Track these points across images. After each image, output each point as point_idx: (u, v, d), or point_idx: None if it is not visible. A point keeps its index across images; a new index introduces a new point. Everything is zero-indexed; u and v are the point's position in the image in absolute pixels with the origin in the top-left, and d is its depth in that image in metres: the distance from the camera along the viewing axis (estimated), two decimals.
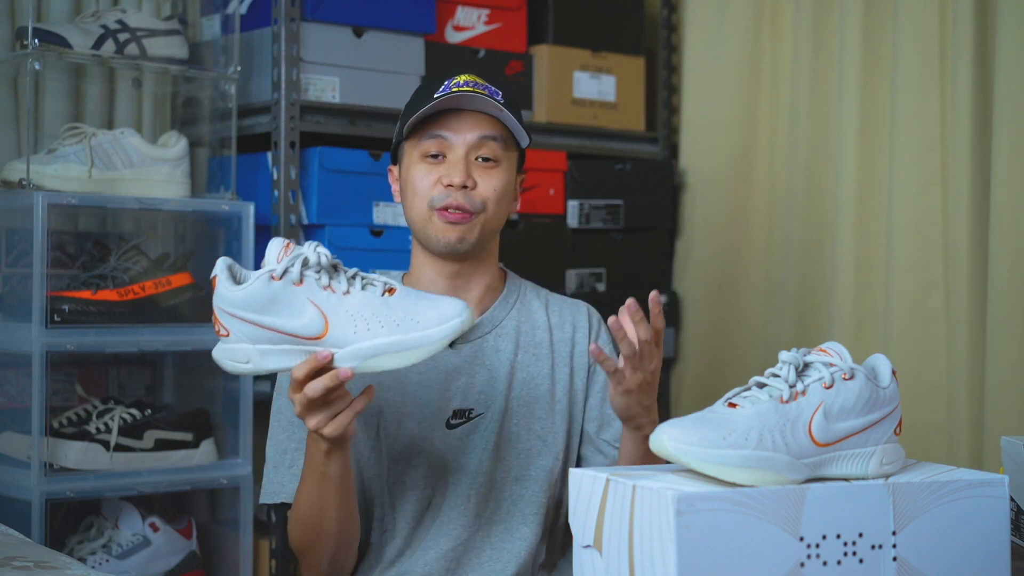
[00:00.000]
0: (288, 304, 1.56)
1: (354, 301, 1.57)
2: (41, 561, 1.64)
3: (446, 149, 1.86)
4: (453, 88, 1.85)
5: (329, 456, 1.67)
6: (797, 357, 1.38)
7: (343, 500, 1.73)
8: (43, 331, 2.36)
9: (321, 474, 1.69)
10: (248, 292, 1.56)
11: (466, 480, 1.87)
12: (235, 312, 1.56)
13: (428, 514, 1.87)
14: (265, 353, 1.58)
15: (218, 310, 1.58)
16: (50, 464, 2.40)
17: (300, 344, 1.57)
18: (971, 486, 1.37)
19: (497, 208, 1.88)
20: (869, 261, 2.92)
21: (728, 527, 1.26)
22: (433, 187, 1.85)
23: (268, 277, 1.56)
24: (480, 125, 1.87)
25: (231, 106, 2.67)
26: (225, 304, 1.57)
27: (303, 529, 1.77)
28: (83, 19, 2.57)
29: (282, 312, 1.56)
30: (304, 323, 1.56)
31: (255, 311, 1.56)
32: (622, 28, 3.28)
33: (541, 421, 1.91)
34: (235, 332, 1.57)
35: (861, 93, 2.93)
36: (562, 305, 2.00)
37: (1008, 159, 2.60)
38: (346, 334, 1.56)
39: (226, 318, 1.57)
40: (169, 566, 2.56)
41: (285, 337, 1.57)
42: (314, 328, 1.56)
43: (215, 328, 1.59)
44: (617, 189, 3.20)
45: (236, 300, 1.56)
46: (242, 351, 1.58)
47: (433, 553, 1.86)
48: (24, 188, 2.42)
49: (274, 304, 1.56)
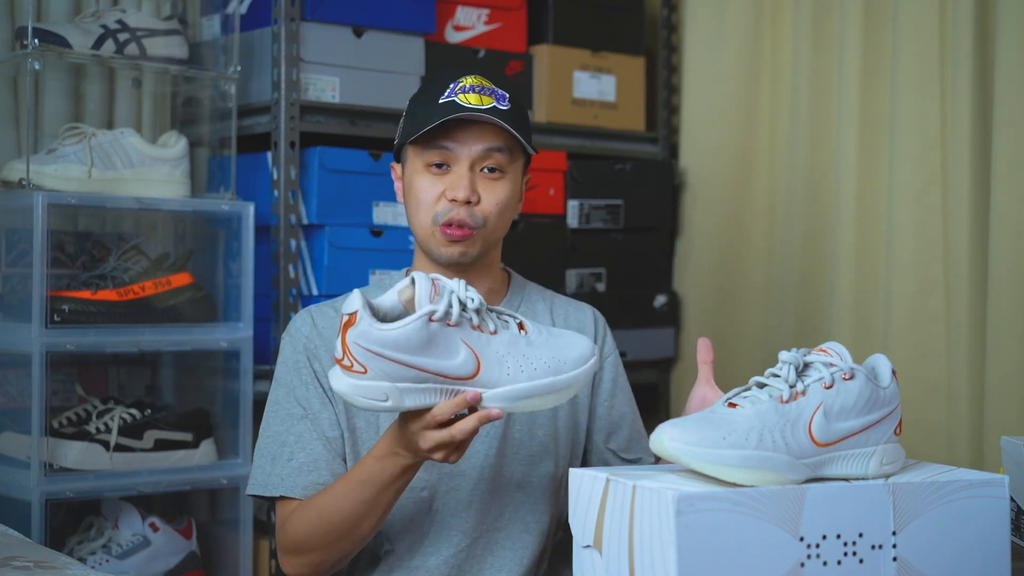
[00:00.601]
0: (443, 345, 1.52)
1: (502, 341, 1.55)
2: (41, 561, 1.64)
3: (451, 160, 1.83)
4: (459, 93, 1.81)
5: (407, 471, 1.66)
6: (797, 357, 1.38)
7: (390, 509, 1.72)
8: (43, 331, 2.36)
9: (388, 485, 1.67)
10: (403, 333, 1.50)
11: (468, 486, 1.86)
12: (381, 351, 1.51)
13: (429, 520, 1.86)
14: (406, 392, 1.53)
15: (356, 347, 1.51)
16: (50, 464, 2.40)
17: (446, 384, 1.54)
18: (971, 486, 1.37)
19: (499, 220, 1.86)
20: (869, 261, 2.92)
21: (728, 527, 1.26)
22: (437, 201, 1.82)
23: (426, 320, 1.51)
24: (485, 136, 1.83)
25: (231, 106, 2.67)
26: (369, 343, 1.51)
27: (325, 530, 1.74)
28: (83, 19, 2.57)
29: (436, 353, 1.52)
30: (458, 364, 1.53)
31: (407, 351, 1.51)
32: (622, 28, 3.28)
33: (544, 427, 1.90)
34: (374, 370, 1.51)
35: (861, 93, 2.93)
36: (567, 308, 1.99)
37: (1008, 159, 2.60)
38: (499, 375, 1.54)
39: (366, 356, 1.51)
40: (169, 566, 2.56)
41: (433, 377, 1.53)
42: (468, 369, 1.53)
43: (344, 363, 1.53)
44: (617, 189, 3.20)
45: (387, 340, 1.50)
46: (380, 389, 1.53)
47: (434, 559, 1.85)
48: (24, 188, 2.42)
49: (428, 345, 1.52)
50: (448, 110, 1.79)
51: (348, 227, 2.73)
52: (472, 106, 1.79)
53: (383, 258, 2.73)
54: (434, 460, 1.60)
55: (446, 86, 1.83)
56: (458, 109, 1.79)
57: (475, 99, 1.81)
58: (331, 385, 1.55)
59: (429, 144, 1.83)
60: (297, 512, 1.78)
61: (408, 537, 1.86)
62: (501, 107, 1.82)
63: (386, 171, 2.75)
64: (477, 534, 1.86)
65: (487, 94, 1.82)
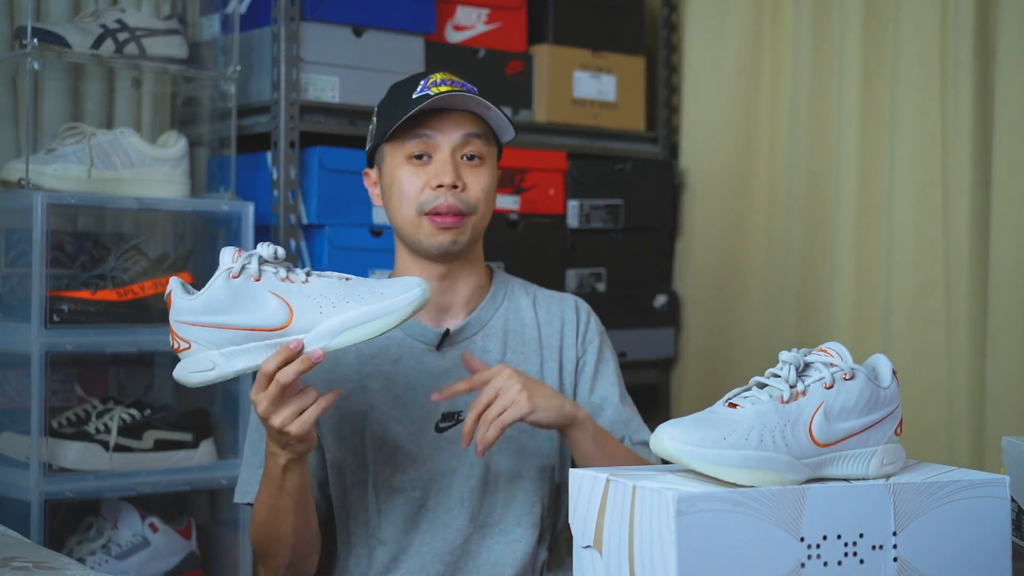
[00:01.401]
0: (249, 300, 1.56)
1: (314, 286, 1.58)
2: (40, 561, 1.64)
3: (431, 149, 1.85)
4: (431, 87, 1.83)
5: (287, 471, 1.68)
6: (797, 357, 1.38)
7: (299, 513, 1.74)
8: (42, 331, 2.36)
9: (279, 487, 1.70)
10: (207, 295, 1.56)
11: (458, 483, 1.86)
12: (195, 320, 1.56)
13: (421, 518, 1.86)
14: (230, 355, 1.57)
15: (175, 324, 1.58)
16: (49, 464, 2.40)
17: (266, 338, 1.57)
18: (972, 486, 1.37)
19: (486, 208, 1.88)
20: (869, 261, 2.92)
21: (728, 527, 1.26)
22: (421, 191, 1.83)
23: (227, 276, 1.56)
24: (464, 123, 1.85)
25: (231, 106, 2.67)
26: (183, 315, 1.57)
27: (261, 534, 1.79)
28: (82, 19, 2.57)
29: (244, 308, 1.56)
30: (268, 314, 1.56)
31: (216, 313, 1.56)
32: (622, 28, 3.28)
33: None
34: (196, 341, 1.57)
35: (861, 93, 2.93)
36: (550, 300, 1.99)
37: (1008, 159, 2.60)
38: (312, 318, 1.57)
39: (185, 329, 1.57)
40: (168, 566, 2.56)
41: (250, 334, 1.56)
42: (279, 318, 1.56)
43: (173, 346, 1.59)
44: (617, 189, 3.19)
45: (196, 307, 1.56)
46: (205, 358, 1.57)
47: (429, 557, 1.85)
48: (23, 188, 2.42)
49: (235, 302, 1.56)
50: (424, 101, 1.82)
51: (348, 227, 2.73)
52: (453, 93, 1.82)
53: (383, 258, 2.73)
54: (281, 430, 1.60)
55: (416, 83, 1.87)
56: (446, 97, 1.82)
57: (447, 90, 1.83)
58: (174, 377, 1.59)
59: (408, 135, 1.84)
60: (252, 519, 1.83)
61: (402, 537, 1.86)
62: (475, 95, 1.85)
63: None
64: (471, 530, 1.87)
65: (458, 86, 1.85)
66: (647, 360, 3.31)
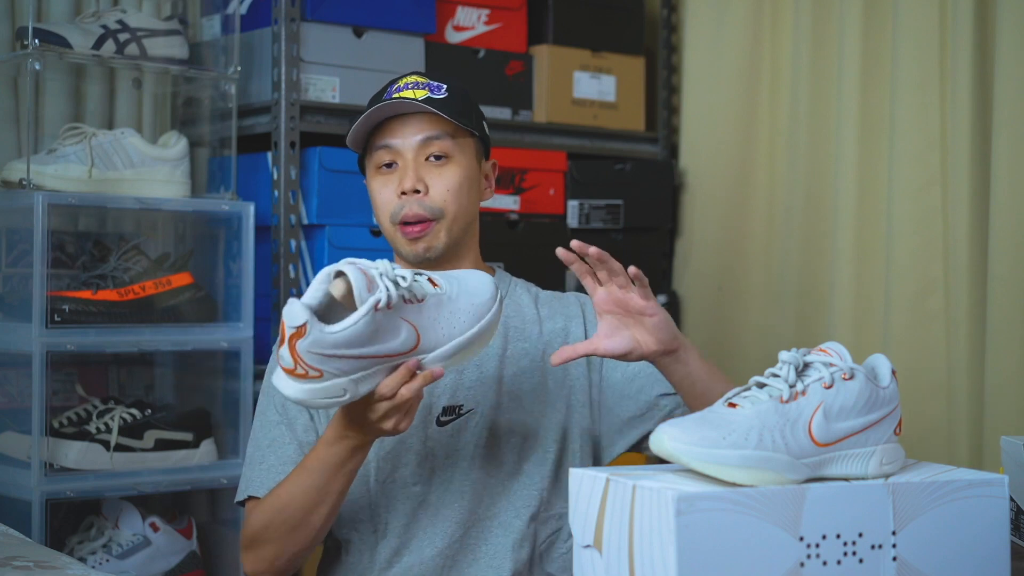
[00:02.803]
0: (389, 329, 1.55)
1: (430, 306, 1.59)
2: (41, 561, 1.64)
3: (396, 157, 1.87)
4: (395, 93, 1.86)
5: (356, 452, 1.69)
6: (797, 357, 1.38)
7: (343, 495, 1.74)
8: (43, 331, 2.36)
9: (338, 468, 1.69)
10: (355, 330, 1.51)
11: (459, 476, 1.87)
12: (335, 352, 1.52)
13: (422, 511, 1.87)
14: (359, 381, 1.56)
15: (309, 355, 1.51)
16: (50, 464, 2.40)
17: (392, 362, 1.57)
18: (971, 486, 1.37)
19: (457, 206, 1.88)
20: (869, 261, 2.92)
21: (728, 527, 1.26)
22: (391, 201, 1.87)
23: (373, 310, 1.52)
24: (423, 126, 1.87)
25: (231, 106, 2.67)
26: (323, 348, 1.51)
27: (280, 521, 1.76)
28: (83, 19, 2.57)
29: (383, 339, 1.55)
30: (401, 342, 1.56)
31: (359, 346, 1.53)
32: (622, 28, 3.28)
33: (533, 415, 1.90)
34: (328, 371, 1.52)
35: (861, 93, 2.93)
36: (551, 300, 2.00)
37: (1008, 159, 2.60)
38: (435, 338, 1.59)
39: (320, 360, 1.51)
40: (169, 566, 2.56)
41: (381, 360, 1.56)
42: (410, 343, 1.57)
43: (295, 371, 1.52)
44: (617, 189, 3.20)
45: (339, 341, 1.51)
46: (338, 386, 1.54)
47: (430, 551, 1.86)
48: (24, 188, 2.42)
49: (376, 333, 1.54)
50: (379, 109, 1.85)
51: (348, 227, 2.73)
52: (405, 100, 1.84)
53: (383, 258, 2.73)
54: (384, 431, 1.62)
55: (386, 90, 1.89)
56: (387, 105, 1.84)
57: (409, 94, 1.85)
58: (284, 394, 1.55)
59: (373, 147, 1.89)
60: (257, 507, 1.81)
61: (403, 530, 1.87)
62: (436, 96, 1.86)
63: None
64: (471, 523, 1.87)
65: (421, 88, 1.86)
66: None
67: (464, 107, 1.90)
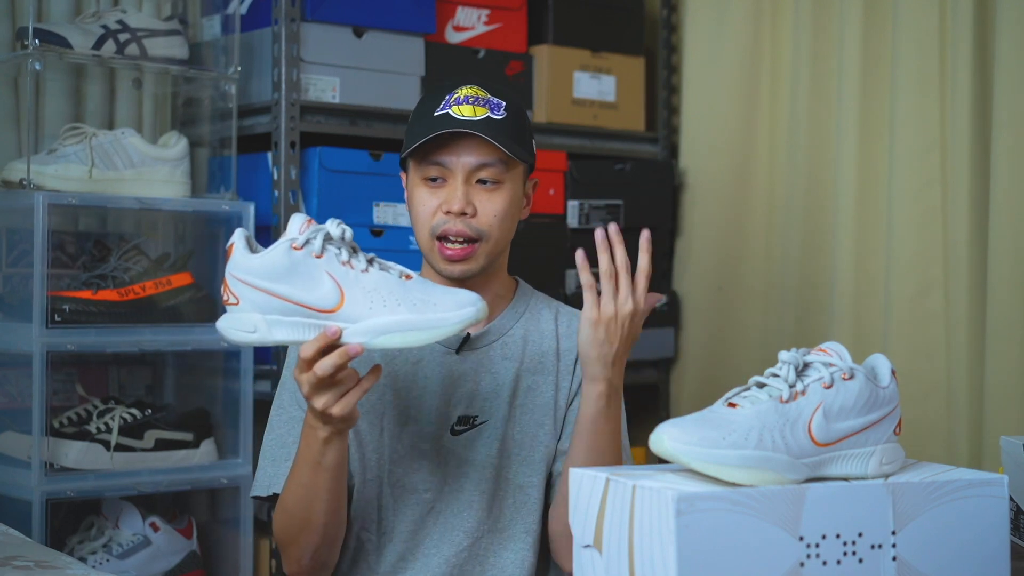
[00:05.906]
0: (306, 275, 1.56)
1: (371, 279, 1.58)
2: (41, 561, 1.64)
3: (445, 174, 1.83)
4: (453, 105, 1.81)
5: (328, 444, 1.67)
6: (797, 357, 1.39)
7: (334, 492, 1.73)
8: (43, 331, 2.36)
9: (316, 463, 1.69)
10: (266, 260, 1.56)
11: (469, 487, 1.87)
12: (249, 279, 1.56)
13: (430, 519, 1.87)
14: (273, 324, 1.57)
15: (230, 277, 1.58)
16: (50, 464, 2.40)
17: (311, 317, 1.57)
18: (970, 486, 1.37)
19: (500, 232, 1.86)
20: (869, 261, 2.93)
21: (728, 527, 1.26)
22: (434, 215, 1.83)
23: (288, 246, 1.56)
24: (479, 150, 1.81)
25: (231, 106, 2.67)
26: (239, 271, 1.57)
27: (289, 521, 1.77)
28: (83, 19, 2.57)
29: (299, 282, 1.56)
30: (320, 295, 1.56)
31: (270, 279, 1.56)
32: (622, 28, 3.28)
33: (544, 429, 1.90)
34: (245, 301, 1.57)
35: (861, 93, 2.93)
36: (571, 317, 1.98)
37: (1008, 159, 2.61)
38: (361, 310, 1.56)
39: (238, 286, 1.57)
40: (169, 566, 2.56)
41: (297, 308, 1.56)
42: (329, 300, 1.56)
43: (223, 297, 1.59)
44: (617, 189, 3.20)
45: (252, 267, 1.56)
46: (250, 320, 1.58)
47: (436, 559, 1.86)
48: (24, 188, 2.42)
49: (291, 274, 1.56)
50: (440, 124, 1.80)
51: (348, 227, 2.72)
52: (464, 118, 1.80)
53: (383, 258, 2.73)
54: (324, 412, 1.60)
55: (442, 97, 1.83)
56: (450, 123, 1.79)
57: (468, 111, 1.81)
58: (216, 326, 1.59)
59: (424, 159, 1.83)
60: (276, 508, 1.81)
61: (409, 536, 1.87)
62: (496, 116, 1.81)
63: (387, 171, 2.75)
64: (479, 534, 1.87)
65: (481, 104, 1.82)
66: (647, 360, 3.31)
67: (520, 130, 1.85)
